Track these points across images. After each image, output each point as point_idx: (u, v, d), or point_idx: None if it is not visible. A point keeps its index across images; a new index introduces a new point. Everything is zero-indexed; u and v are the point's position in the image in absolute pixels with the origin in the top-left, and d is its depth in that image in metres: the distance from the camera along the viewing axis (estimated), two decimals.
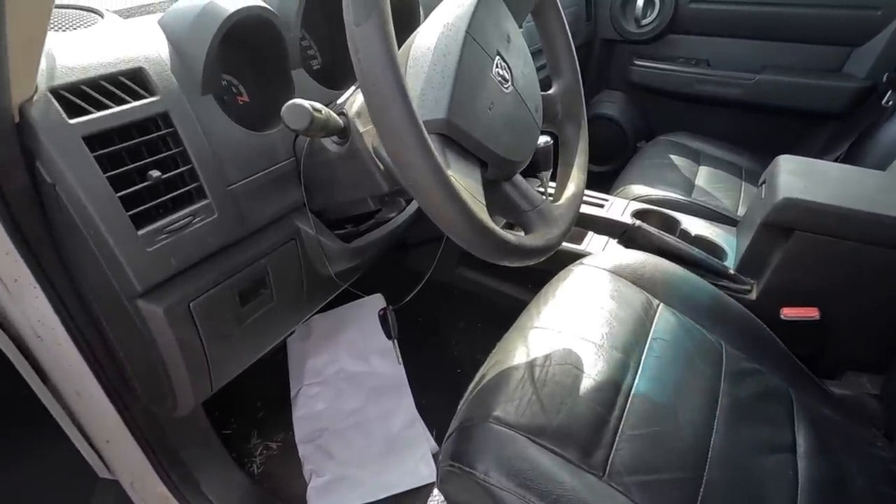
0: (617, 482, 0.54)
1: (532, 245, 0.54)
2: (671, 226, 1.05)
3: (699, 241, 1.00)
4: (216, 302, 0.56)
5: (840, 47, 1.34)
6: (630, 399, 0.62)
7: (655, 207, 1.08)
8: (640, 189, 1.21)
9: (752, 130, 1.46)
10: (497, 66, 0.53)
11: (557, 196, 0.66)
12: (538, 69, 0.63)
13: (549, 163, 1.05)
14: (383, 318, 0.85)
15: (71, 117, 0.41)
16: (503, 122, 0.53)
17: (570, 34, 0.68)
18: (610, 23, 1.57)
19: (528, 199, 0.61)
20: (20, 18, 0.32)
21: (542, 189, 1.05)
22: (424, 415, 1.07)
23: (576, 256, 0.96)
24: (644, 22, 1.52)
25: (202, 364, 0.59)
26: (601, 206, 1.08)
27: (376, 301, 1.21)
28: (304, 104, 0.44)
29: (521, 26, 0.62)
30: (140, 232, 0.46)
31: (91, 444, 0.65)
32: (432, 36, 0.51)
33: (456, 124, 0.47)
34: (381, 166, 0.56)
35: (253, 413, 1.10)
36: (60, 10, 0.49)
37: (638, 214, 1.05)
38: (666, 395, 0.64)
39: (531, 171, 1.10)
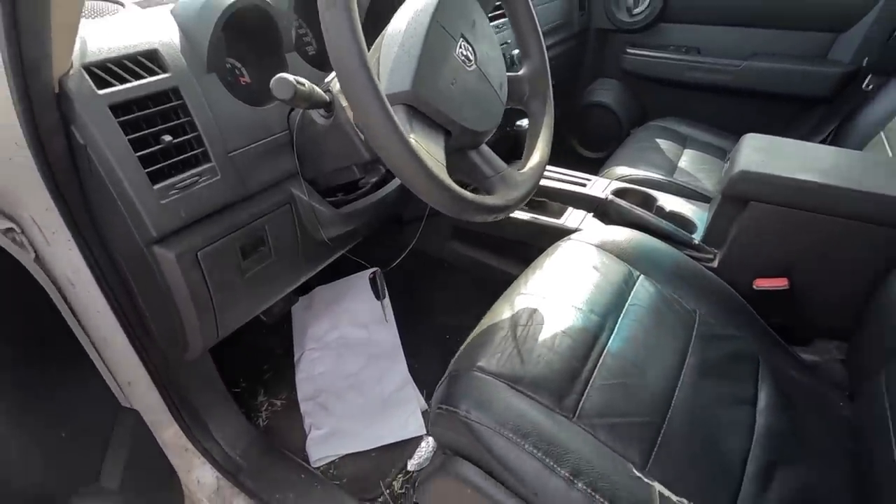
0: (585, 423, 0.62)
1: (490, 203, 0.61)
2: (648, 202, 1.11)
3: (672, 216, 1.06)
4: (220, 253, 0.65)
5: (825, 34, 1.38)
6: (603, 355, 0.69)
7: (634, 186, 1.14)
8: (623, 170, 1.27)
9: (741, 115, 1.50)
10: (461, 48, 0.61)
11: (522, 165, 0.73)
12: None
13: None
14: (373, 281, 0.94)
15: (99, 89, 0.51)
16: (465, 96, 0.61)
17: (537, 20, 0.75)
18: (603, 13, 1.63)
19: (493, 166, 0.69)
20: (60, 6, 0.41)
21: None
22: (415, 377, 1.16)
23: (556, 230, 1.05)
24: (636, 11, 1.57)
25: (209, 309, 0.68)
26: (583, 184, 1.15)
27: (377, 274, 1.30)
28: (288, 77, 0.53)
29: (487, 13, 0.69)
30: (155, 186, 0.55)
31: (116, 382, 0.75)
32: (404, 20, 0.59)
33: (420, 96, 0.55)
34: (362, 136, 0.65)
35: (260, 375, 1.20)
36: (91, 1, 0.58)
37: (618, 192, 1.12)
38: (636, 353, 0.71)
39: (517, 151, 1.18)
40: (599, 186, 1.13)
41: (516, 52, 1.15)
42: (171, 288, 0.63)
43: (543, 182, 1.16)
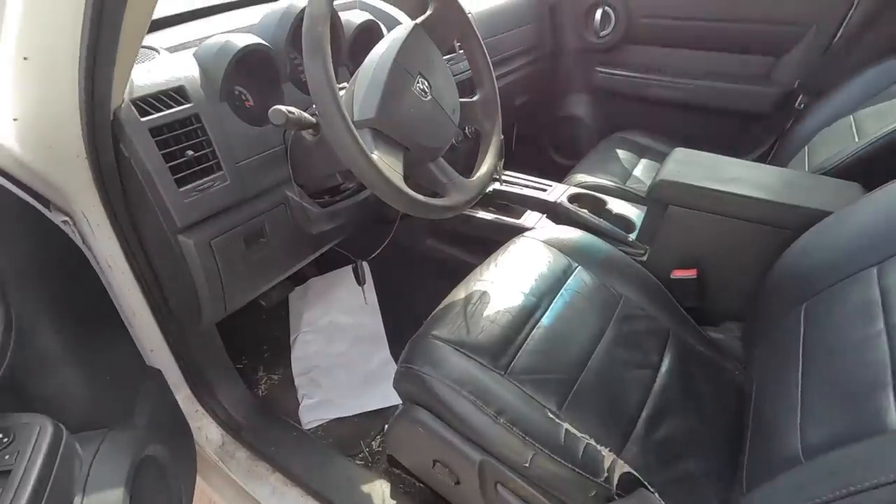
0: (514, 378, 0.78)
1: (441, 204, 0.79)
2: (599, 206, 1.28)
3: (617, 218, 1.23)
4: (228, 242, 0.83)
5: (767, 57, 1.54)
6: (536, 328, 0.86)
7: (588, 191, 1.31)
8: (582, 177, 1.44)
9: (695, 129, 1.67)
10: (418, 82, 0.78)
11: (473, 174, 0.90)
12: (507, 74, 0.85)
13: (501, 153, 1.30)
14: (355, 269, 1.11)
15: (142, 116, 0.68)
16: (421, 121, 0.78)
17: (488, 58, 0.93)
18: (575, 35, 1.80)
19: (447, 175, 0.86)
20: (122, 60, 0.59)
21: (497, 176, 1.31)
22: (395, 357, 1.33)
23: (515, 228, 1.21)
24: (602, 34, 1.74)
25: (219, 286, 0.85)
26: (544, 189, 1.32)
27: (363, 268, 1.47)
28: (282, 108, 0.70)
29: (444, 53, 0.86)
30: (180, 189, 0.73)
31: (142, 347, 0.92)
32: (374, 59, 0.76)
33: (382, 121, 0.73)
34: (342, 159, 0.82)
35: (260, 354, 1.37)
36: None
37: (573, 197, 1.29)
38: (564, 326, 0.88)
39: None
40: (557, 192, 1.30)
41: None
42: (191, 268, 0.80)
43: (508, 188, 1.33)
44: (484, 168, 0.91)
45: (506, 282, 0.93)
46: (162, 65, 0.74)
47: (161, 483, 0.78)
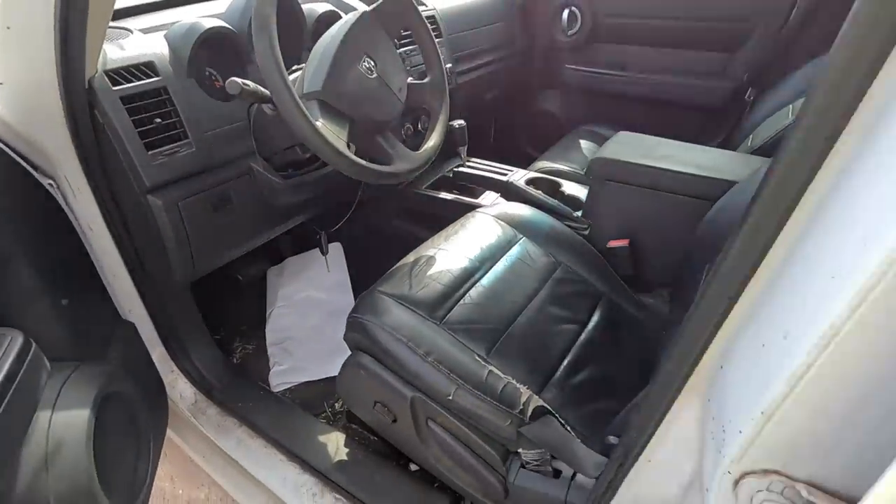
0: (447, 327, 0.87)
1: (384, 170, 0.88)
2: (554, 187, 1.37)
3: (569, 198, 1.31)
4: (196, 205, 0.92)
5: (722, 53, 1.63)
6: (473, 286, 0.95)
7: (545, 175, 1.40)
8: (543, 164, 1.53)
9: (656, 121, 1.74)
10: (364, 62, 0.88)
11: (420, 147, 0.99)
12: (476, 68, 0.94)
13: (464, 139, 1.40)
14: (319, 238, 1.20)
15: (114, 86, 0.78)
16: (366, 96, 0.87)
17: (436, 44, 1.02)
18: (545, 33, 1.90)
19: (393, 146, 0.95)
20: (93, 33, 0.68)
21: (460, 159, 1.40)
22: None
23: (472, 207, 1.30)
24: (570, 32, 1.84)
25: (187, 246, 0.94)
26: (504, 174, 1.41)
27: (336, 248, 1.56)
28: (237, 80, 0.79)
29: (393, 38, 0.96)
30: (149, 153, 0.82)
31: (119, 305, 1.01)
32: (324, 40, 0.86)
33: (328, 94, 0.82)
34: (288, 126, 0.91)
35: (237, 326, 1.46)
36: (110, 29, 0.85)
37: (531, 181, 1.38)
38: (500, 286, 0.96)
39: (452, 147, 1.45)
40: (515, 176, 1.39)
41: (449, 65, 1.41)
42: (160, 227, 0.89)
43: (472, 171, 1.43)
44: (430, 143, 1.00)
45: (453, 248, 1.02)
46: (134, 42, 0.84)
47: (128, 418, 0.86)
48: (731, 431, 0.31)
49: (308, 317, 1.47)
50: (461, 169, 1.42)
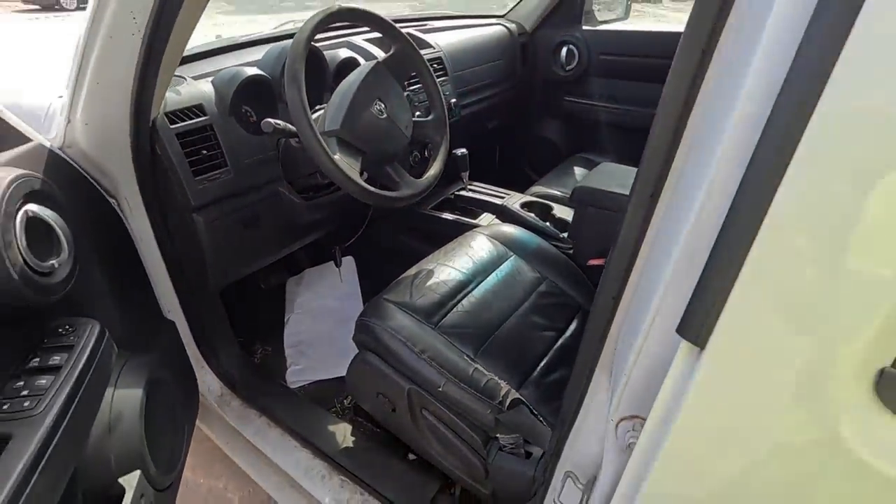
0: (441, 331, 1.01)
1: (390, 195, 1.03)
2: (546, 211, 1.52)
3: (558, 221, 1.46)
4: (230, 222, 1.08)
5: None
6: (466, 296, 1.10)
7: (538, 199, 1.55)
8: (538, 188, 1.68)
9: (642, 150, 1.90)
10: (376, 104, 1.04)
11: (422, 176, 1.15)
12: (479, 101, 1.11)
13: (466, 166, 1.56)
14: (333, 252, 1.36)
15: (171, 125, 0.95)
16: (376, 133, 1.04)
17: (438, 86, 1.18)
18: (545, 67, 2.07)
19: (399, 175, 1.11)
20: (160, 85, 0.86)
21: (462, 183, 1.55)
22: None
23: (470, 226, 1.45)
24: (568, 68, 2.00)
25: (222, 258, 1.11)
26: (502, 197, 1.56)
27: (349, 262, 1.72)
28: (270, 120, 0.96)
29: (402, 85, 1.12)
30: (196, 178, 0.99)
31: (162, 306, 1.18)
32: (342, 87, 1.03)
33: (345, 132, 0.98)
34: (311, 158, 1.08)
35: (259, 330, 1.62)
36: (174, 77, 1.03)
37: (525, 204, 1.53)
38: (490, 297, 1.11)
39: (455, 172, 1.61)
40: (511, 199, 1.54)
41: (454, 100, 1.58)
42: (201, 240, 1.06)
43: (472, 194, 1.58)
44: (431, 172, 1.16)
45: (450, 263, 1.17)
46: (188, 88, 1.02)
47: (167, 403, 1.02)
48: (615, 392, 0.46)
49: (321, 323, 1.62)
50: (463, 192, 1.58)
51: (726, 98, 0.31)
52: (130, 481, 0.83)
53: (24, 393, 0.63)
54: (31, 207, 0.68)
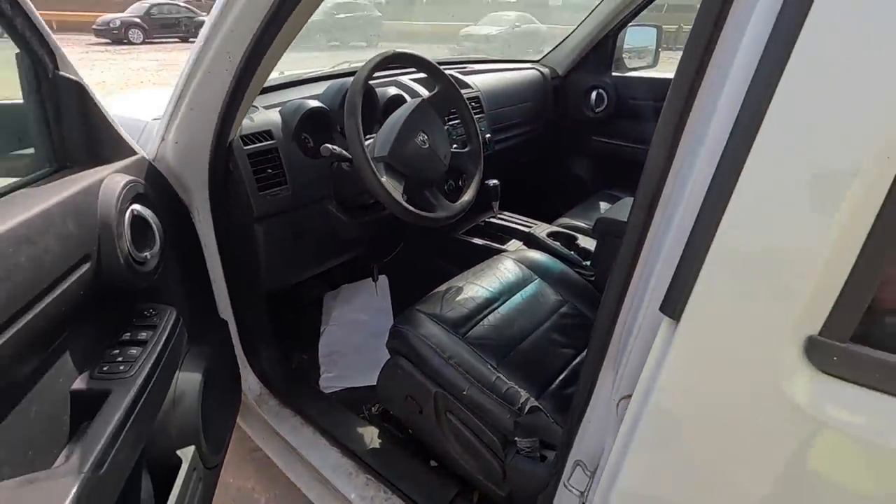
0: (467, 341, 1.10)
1: (427, 215, 1.15)
2: (571, 240, 1.61)
3: (581, 250, 1.55)
4: (284, 235, 1.22)
5: None
6: (492, 312, 1.19)
7: (563, 230, 1.65)
8: (565, 220, 1.78)
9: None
10: (420, 136, 1.18)
11: (456, 201, 1.27)
12: (512, 137, 1.25)
13: (497, 195, 1.68)
14: (372, 271, 1.48)
15: (245, 146, 1.10)
16: (419, 161, 1.16)
17: (475, 122, 1.32)
18: (575, 110, 2.19)
19: (436, 199, 1.23)
20: (239, 113, 1.01)
21: (493, 212, 1.67)
22: None
23: (498, 251, 1.56)
24: (597, 110, 2.13)
25: (274, 266, 1.24)
26: (529, 227, 1.67)
27: (383, 280, 1.84)
28: (328, 146, 1.11)
29: (443, 119, 1.26)
30: (260, 192, 1.13)
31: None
32: (391, 120, 1.17)
33: (392, 158, 1.12)
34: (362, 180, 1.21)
35: (296, 338, 1.74)
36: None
37: (551, 234, 1.63)
38: (514, 314, 1.20)
39: (487, 201, 1.73)
40: (539, 229, 1.64)
41: (488, 135, 1.72)
42: (259, 248, 1.19)
43: (502, 222, 1.69)
44: (465, 198, 1.27)
45: (478, 282, 1.27)
46: (260, 116, 1.18)
47: (217, 393, 1.13)
48: (617, 375, 0.54)
49: (354, 335, 1.73)
50: (493, 220, 1.69)
51: (699, 135, 0.42)
52: (186, 454, 0.94)
53: (119, 359, 0.75)
54: (136, 207, 0.82)
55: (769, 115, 0.34)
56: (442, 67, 1.26)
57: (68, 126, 0.74)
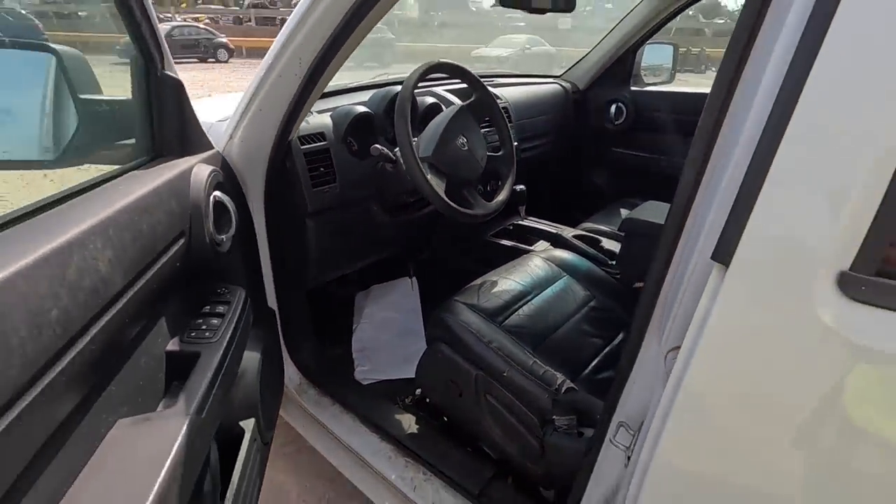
0: (504, 328, 1.18)
1: (465, 211, 1.24)
2: (595, 243, 1.68)
3: (607, 252, 1.62)
4: (332, 229, 1.31)
5: None
6: (526, 304, 1.27)
7: (587, 233, 1.73)
8: (588, 224, 1.86)
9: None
10: (460, 139, 1.27)
11: (492, 201, 1.36)
12: (535, 147, 1.36)
13: (523, 200, 1.77)
14: (408, 270, 1.56)
15: (301, 146, 1.20)
16: (459, 162, 1.26)
17: (509, 128, 1.41)
18: (596, 122, 2.29)
19: (473, 197, 1.32)
20: (300, 116, 1.11)
21: (520, 216, 1.76)
22: None
23: (526, 251, 1.63)
24: (617, 122, 2.22)
25: (322, 257, 1.33)
26: (554, 230, 1.75)
27: (413, 282, 1.92)
28: (378, 146, 1.20)
29: (479, 123, 1.36)
30: (314, 189, 1.23)
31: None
32: (435, 124, 1.26)
33: (435, 159, 1.21)
34: (409, 178, 1.30)
35: (332, 333, 1.82)
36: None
37: (576, 236, 1.71)
38: (546, 307, 1.27)
39: (513, 206, 1.82)
40: (565, 232, 1.73)
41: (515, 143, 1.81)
42: (309, 240, 1.28)
43: (533, 224, 1.78)
44: (499, 197, 1.36)
45: (511, 277, 1.35)
46: (314, 119, 1.28)
47: (270, 373, 1.21)
48: (665, 328, 0.62)
49: (385, 333, 1.80)
50: (520, 223, 1.77)
51: (747, 97, 0.50)
52: (248, 425, 1.01)
53: (204, 328, 0.83)
54: (217, 193, 0.92)
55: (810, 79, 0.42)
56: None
57: (167, 119, 0.84)
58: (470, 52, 14.84)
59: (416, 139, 1.31)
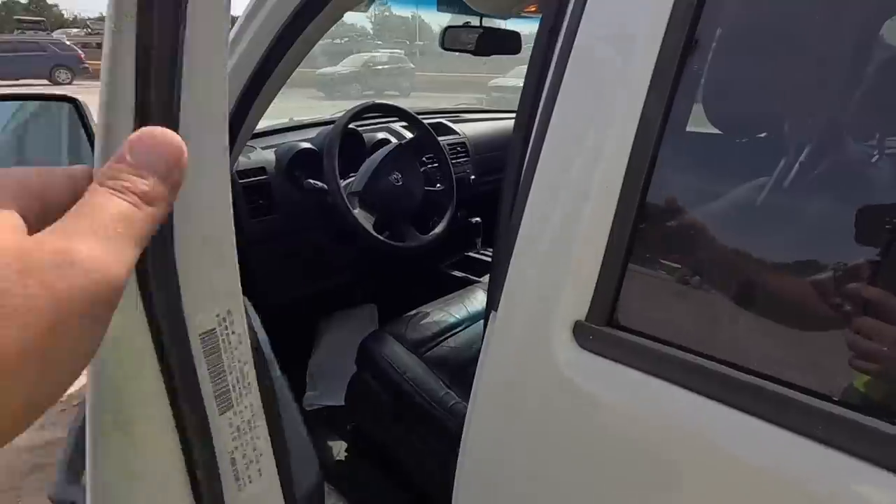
0: (425, 359, 1.21)
1: (394, 244, 1.29)
2: None
3: None
4: (276, 255, 1.38)
5: None
6: (454, 335, 1.30)
7: None
8: None
9: None
10: (393, 175, 1.33)
11: (428, 234, 1.41)
12: (496, 180, 1.44)
13: (479, 233, 1.81)
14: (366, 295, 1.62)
15: (240, 179, 1.28)
16: (391, 196, 1.32)
17: (450, 164, 1.47)
18: None
19: (407, 230, 1.37)
20: (234, 152, 1.19)
21: (476, 248, 1.80)
22: None
23: (475, 282, 1.67)
24: None
25: (271, 283, 1.39)
26: None
27: (371, 308, 1.97)
28: (310, 181, 1.27)
29: (419, 162, 1.42)
30: (251, 220, 1.30)
31: None
32: (370, 161, 1.33)
33: (366, 192, 1.27)
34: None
35: (288, 358, 1.86)
36: (245, 147, 1.39)
37: None
38: (475, 338, 1.30)
39: (470, 238, 1.86)
40: None
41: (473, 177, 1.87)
42: (256, 267, 1.35)
43: (482, 257, 1.82)
44: (436, 230, 1.42)
45: (446, 309, 1.38)
46: (256, 154, 1.37)
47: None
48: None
49: (341, 358, 1.84)
50: (474, 255, 1.81)
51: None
52: None
53: None
54: None
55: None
56: (428, 115, 1.43)
57: None
58: (488, 82, 15.18)
59: (353, 174, 1.38)
